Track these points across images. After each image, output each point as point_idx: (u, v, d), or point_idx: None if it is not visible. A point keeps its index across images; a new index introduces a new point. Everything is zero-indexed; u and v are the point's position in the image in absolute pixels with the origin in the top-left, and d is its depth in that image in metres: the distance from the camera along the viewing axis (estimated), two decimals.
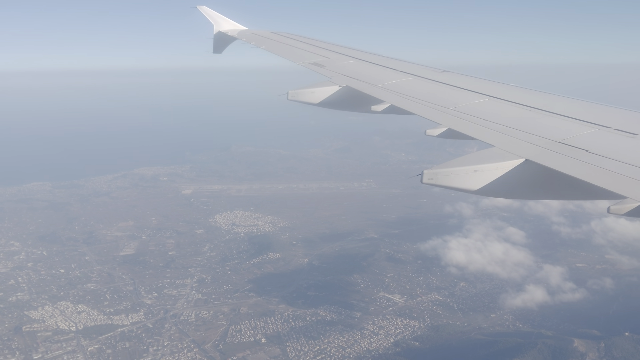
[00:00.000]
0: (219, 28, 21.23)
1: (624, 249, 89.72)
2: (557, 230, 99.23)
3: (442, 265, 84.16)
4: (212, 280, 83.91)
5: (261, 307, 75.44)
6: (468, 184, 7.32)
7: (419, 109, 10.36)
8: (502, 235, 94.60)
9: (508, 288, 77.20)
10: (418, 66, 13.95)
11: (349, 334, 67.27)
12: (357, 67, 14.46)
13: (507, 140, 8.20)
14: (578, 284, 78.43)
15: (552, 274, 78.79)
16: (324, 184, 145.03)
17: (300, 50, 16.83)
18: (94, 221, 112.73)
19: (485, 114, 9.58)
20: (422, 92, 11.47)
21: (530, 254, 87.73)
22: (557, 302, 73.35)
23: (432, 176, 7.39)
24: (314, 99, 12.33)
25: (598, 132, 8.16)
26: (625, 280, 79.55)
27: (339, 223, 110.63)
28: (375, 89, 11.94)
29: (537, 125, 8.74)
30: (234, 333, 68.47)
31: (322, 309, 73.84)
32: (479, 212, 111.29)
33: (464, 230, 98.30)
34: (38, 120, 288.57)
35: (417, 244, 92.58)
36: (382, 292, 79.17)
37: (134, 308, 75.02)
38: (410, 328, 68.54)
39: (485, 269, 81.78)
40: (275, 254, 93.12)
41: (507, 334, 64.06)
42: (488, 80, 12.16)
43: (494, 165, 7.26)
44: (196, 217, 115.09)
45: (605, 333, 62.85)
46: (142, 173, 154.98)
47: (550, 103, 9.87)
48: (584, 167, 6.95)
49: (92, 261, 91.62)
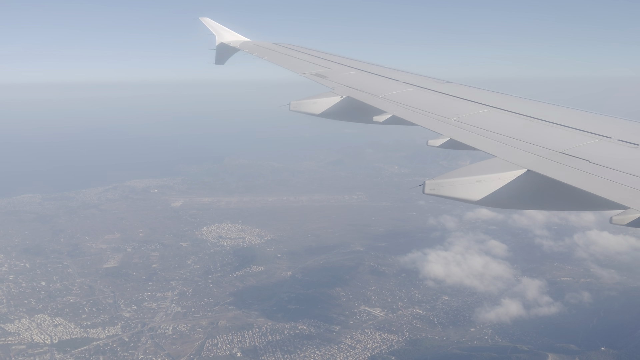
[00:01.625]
0: (221, 39, 21.32)
1: (605, 263, 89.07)
2: (540, 243, 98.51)
3: (419, 279, 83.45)
4: (193, 293, 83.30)
5: (240, 320, 74.79)
6: (470, 195, 7.31)
7: (420, 120, 10.38)
8: (483, 249, 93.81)
9: (485, 302, 76.65)
10: (420, 77, 14.08)
11: (326, 348, 66.55)
12: (359, 77, 14.57)
13: (509, 150, 8.23)
14: (560, 297, 77.64)
15: (530, 287, 78.00)
16: (315, 196, 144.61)
17: (302, 61, 16.95)
18: (80, 233, 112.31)
19: (487, 124, 9.61)
20: (424, 102, 11.54)
21: (510, 267, 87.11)
22: (536, 316, 72.55)
23: (434, 186, 7.36)
24: (316, 109, 12.40)
25: (600, 142, 8.18)
26: (606, 294, 78.63)
27: (326, 236, 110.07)
28: (377, 99, 12.02)
29: (539, 135, 8.76)
30: (210, 347, 67.80)
31: (301, 323, 73.15)
32: (464, 225, 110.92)
33: (446, 243, 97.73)
34: (35, 132, 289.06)
35: (399, 257, 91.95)
36: (363, 305, 78.47)
37: (111, 321, 74.35)
38: (388, 342, 67.82)
39: (463, 283, 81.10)
40: (259, 266, 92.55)
41: (483, 349, 63.30)
42: (490, 90, 12.22)
43: (496, 176, 7.27)
44: (183, 230, 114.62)
45: (583, 347, 62.11)
46: (133, 185, 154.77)
47: (551, 113, 9.91)
48: (586, 177, 6.95)
49: (75, 274, 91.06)
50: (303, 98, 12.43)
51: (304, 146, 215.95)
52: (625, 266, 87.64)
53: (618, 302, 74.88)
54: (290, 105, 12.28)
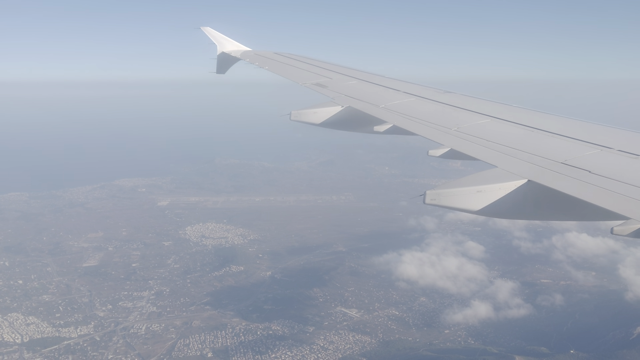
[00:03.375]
0: (222, 49, 21.46)
1: (582, 265, 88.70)
2: (518, 245, 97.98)
3: (392, 280, 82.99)
4: (170, 293, 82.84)
5: (214, 320, 74.34)
6: (470, 205, 7.30)
7: (421, 130, 10.40)
8: (460, 250, 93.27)
9: (455, 303, 76.25)
10: (420, 87, 14.11)
11: (298, 349, 66.04)
12: (360, 87, 14.62)
13: (510, 160, 8.24)
14: (536, 300, 77.18)
15: (502, 289, 77.47)
16: (302, 197, 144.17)
17: (303, 71, 17.08)
18: (63, 232, 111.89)
19: (488, 134, 9.63)
20: (425, 112, 11.57)
21: (485, 269, 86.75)
22: (511, 318, 72.11)
23: (434, 197, 7.29)
24: (317, 119, 12.42)
25: (600, 152, 8.22)
26: (581, 296, 78.07)
27: (309, 236, 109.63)
28: (377, 109, 12.02)
29: (539, 145, 8.78)
30: (182, 347, 67.33)
31: (276, 323, 72.67)
32: (444, 226, 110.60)
33: (423, 244, 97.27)
34: (27, 131, 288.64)
35: (374, 258, 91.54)
36: (340, 306, 78.00)
37: (85, 320, 73.87)
38: (361, 343, 67.32)
39: (436, 284, 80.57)
40: (239, 266, 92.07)
41: (454, 351, 62.79)
42: (490, 100, 12.24)
43: (496, 186, 7.27)
44: (167, 229, 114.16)
45: (554, 350, 61.65)
46: (121, 184, 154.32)
47: (552, 124, 9.96)
48: (586, 187, 6.95)
49: (53, 272, 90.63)
50: (304, 108, 12.47)
51: (296, 147, 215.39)
52: (601, 269, 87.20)
53: (591, 305, 74.31)
54: (291, 115, 12.34)
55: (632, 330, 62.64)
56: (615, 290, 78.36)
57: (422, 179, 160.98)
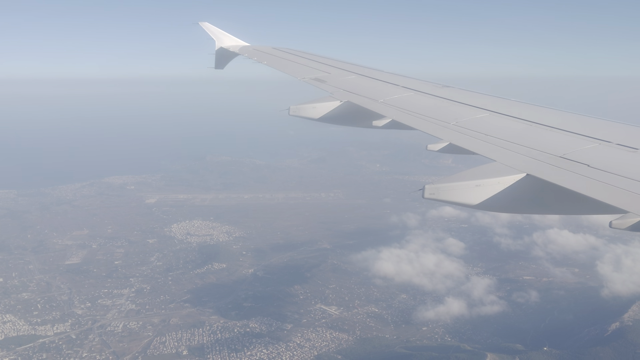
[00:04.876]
0: (220, 44, 21.42)
1: (561, 262, 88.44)
2: (498, 242, 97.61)
3: (369, 277, 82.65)
4: (151, 291, 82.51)
5: (193, 318, 74.00)
6: (469, 199, 7.32)
7: (420, 124, 10.40)
8: (440, 247, 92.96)
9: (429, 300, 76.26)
10: (419, 81, 14.10)
11: (274, 347, 65.78)
12: (359, 82, 14.58)
13: (509, 155, 8.26)
14: (514, 296, 76.88)
15: (478, 286, 77.21)
16: (291, 194, 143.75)
17: (302, 66, 17.03)
18: (48, 230, 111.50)
19: (487, 128, 9.64)
20: (423, 107, 11.56)
21: (463, 265, 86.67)
22: (490, 315, 71.83)
23: (433, 191, 7.29)
24: (315, 114, 12.37)
25: (599, 146, 8.24)
26: (558, 293, 77.97)
27: (295, 233, 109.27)
28: (376, 104, 12.02)
29: (538, 140, 8.80)
30: (157, 345, 67.03)
31: (254, 321, 72.38)
32: (426, 222, 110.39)
33: (404, 241, 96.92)
34: (18, 128, 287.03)
35: (353, 255, 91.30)
36: (320, 303, 77.69)
37: (62, 318, 73.55)
38: (338, 341, 67.05)
39: (412, 281, 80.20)
40: (221, 264, 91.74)
41: (429, 348, 62.43)
42: (489, 95, 12.24)
43: (495, 180, 7.30)
44: (152, 227, 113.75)
45: (529, 347, 61.37)
46: (110, 182, 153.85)
47: (551, 118, 9.96)
48: (585, 181, 6.99)
49: (35, 270, 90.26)
50: (302, 103, 12.41)
51: (289, 144, 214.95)
52: (581, 265, 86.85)
53: (568, 302, 74.04)
54: (289, 110, 12.22)
55: (606, 327, 62.33)
56: (593, 287, 78.08)
57: (412, 176, 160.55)
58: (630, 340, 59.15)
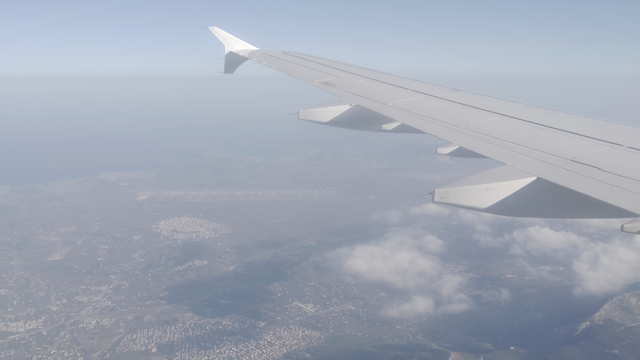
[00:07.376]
0: (230, 48, 21.55)
1: (539, 260, 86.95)
2: (477, 239, 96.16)
3: (340, 274, 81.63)
4: (129, 287, 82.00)
5: (167, 315, 73.39)
6: (479, 203, 7.27)
7: (429, 128, 10.38)
8: (417, 244, 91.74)
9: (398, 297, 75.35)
10: (429, 85, 14.07)
11: (244, 345, 65.03)
12: (368, 86, 14.56)
13: (519, 158, 8.22)
14: (489, 295, 75.64)
15: (449, 284, 75.95)
16: (284, 191, 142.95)
17: (311, 70, 17.11)
18: (35, 226, 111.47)
19: (497, 132, 9.60)
20: (433, 110, 11.52)
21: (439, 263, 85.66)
22: (464, 314, 70.63)
23: (443, 195, 7.24)
24: (325, 118, 12.33)
25: (610, 150, 8.17)
26: (532, 292, 76.58)
27: (282, 230, 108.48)
28: (386, 107, 12.01)
29: (548, 143, 8.73)
30: (128, 342, 66.42)
31: (227, 318, 71.64)
32: (407, 220, 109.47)
33: (381, 238, 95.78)
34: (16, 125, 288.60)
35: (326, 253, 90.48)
36: (297, 301, 76.82)
37: (36, 315, 73.17)
38: (309, 339, 66.16)
39: (383, 278, 79.01)
40: (202, 261, 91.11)
41: (396, 347, 61.28)
42: (499, 98, 12.19)
43: (505, 184, 7.25)
44: (140, 223, 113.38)
45: (499, 346, 60.19)
46: (104, 178, 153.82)
47: (561, 121, 9.91)
48: (596, 185, 6.92)
49: (16, 266, 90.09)
50: (312, 107, 12.37)
51: (288, 140, 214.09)
52: (558, 263, 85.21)
53: (542, 301, 72.55)
54: (299, 114, 12.20)
55: (576, 326, 60.90)
56: (567, 286, 76.54)
57: (408, 173, 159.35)
58: (599, 339, 57.70)
